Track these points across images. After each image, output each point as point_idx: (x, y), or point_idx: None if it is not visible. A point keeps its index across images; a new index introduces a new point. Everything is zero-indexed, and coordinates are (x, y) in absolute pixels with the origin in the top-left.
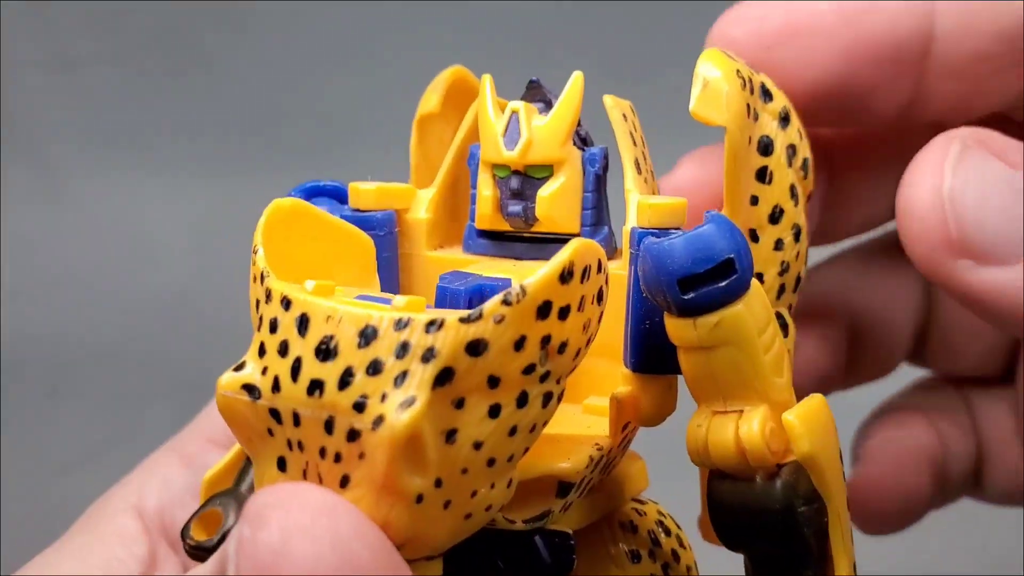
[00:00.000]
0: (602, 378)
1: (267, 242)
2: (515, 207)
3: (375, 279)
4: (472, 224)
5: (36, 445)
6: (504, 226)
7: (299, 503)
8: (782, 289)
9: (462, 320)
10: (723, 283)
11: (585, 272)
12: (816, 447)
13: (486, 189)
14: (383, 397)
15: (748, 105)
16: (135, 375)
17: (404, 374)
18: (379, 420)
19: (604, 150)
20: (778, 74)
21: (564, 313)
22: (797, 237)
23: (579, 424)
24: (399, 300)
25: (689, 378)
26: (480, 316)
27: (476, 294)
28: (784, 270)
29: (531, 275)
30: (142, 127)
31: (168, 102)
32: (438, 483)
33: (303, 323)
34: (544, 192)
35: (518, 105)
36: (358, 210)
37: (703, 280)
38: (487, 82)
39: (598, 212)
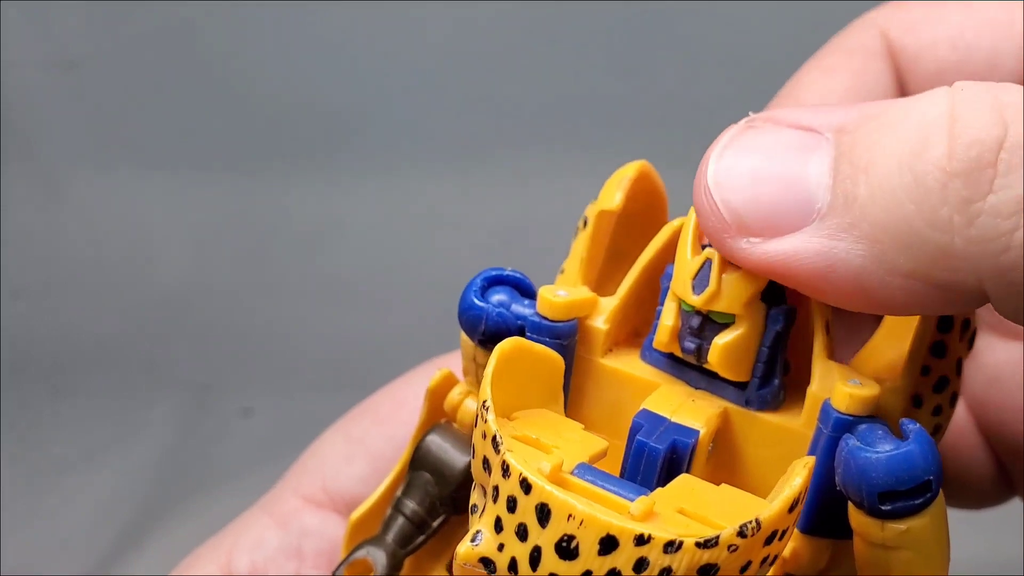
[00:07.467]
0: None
1: (495, 392)
2: (690, 344)
3: (561, 397)
4: (652, 338)
5: (36, 445)
6: (680, 352)
7: None
8: None
9: (698, 544)
10: (919, 501)
11: (802, 495)
12: None
13: (668, 318)
14: None
15: None
16: (135, 375)
17: None
18: None
19: (790, 311)
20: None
21: (784, 535)
22: (952, 403)
23: None
24: (636, 506)
25: (862, 562)
26: (716, 543)
27: (671, 451)
28: (935, 431)
29: (705, 419)
30: (142, 127)
31: (168, 102)
32: None
33: (544, 513)
34: (720, 340)
35: (714, 253)
36: (545, 317)
37: (902, 496)
38: (691, 218)
39: (770, 366)
